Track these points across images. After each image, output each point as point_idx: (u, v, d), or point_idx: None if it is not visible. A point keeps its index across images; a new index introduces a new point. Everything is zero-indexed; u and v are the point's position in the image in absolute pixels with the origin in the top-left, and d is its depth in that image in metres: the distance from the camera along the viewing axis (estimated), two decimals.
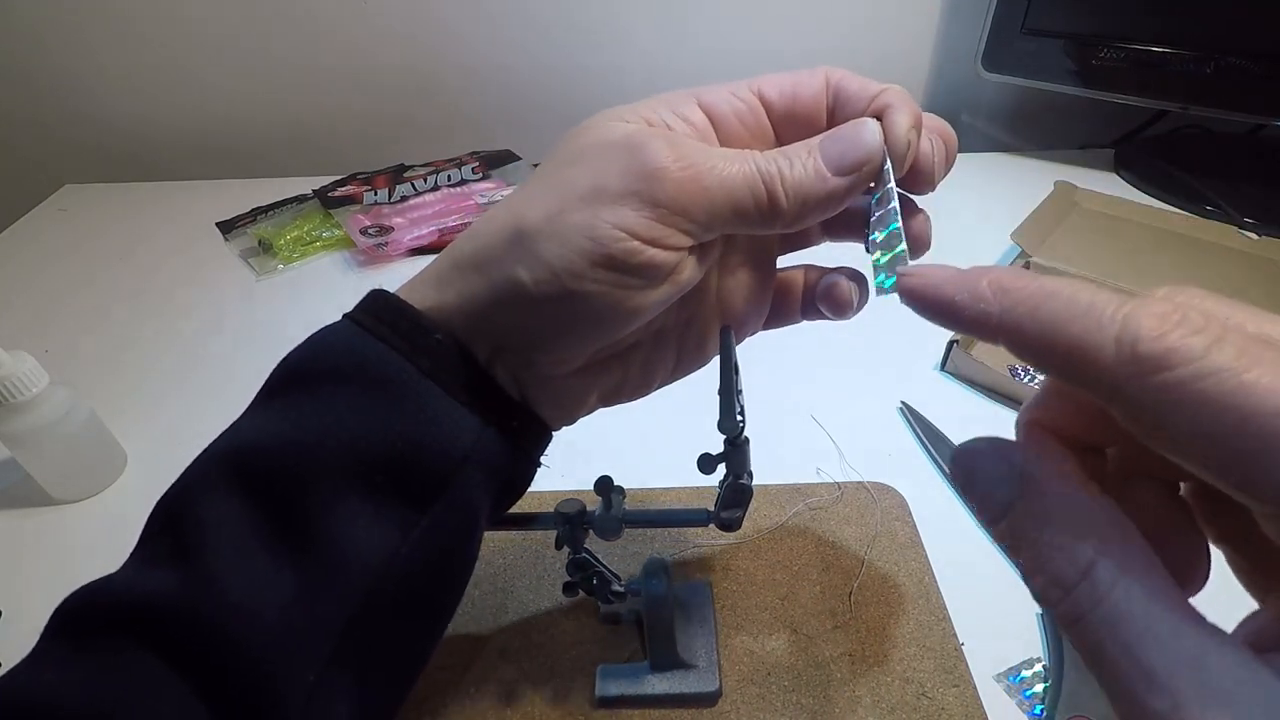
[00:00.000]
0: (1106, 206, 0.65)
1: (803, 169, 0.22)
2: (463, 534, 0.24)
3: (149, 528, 0.23)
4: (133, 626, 0.20)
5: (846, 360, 0.54)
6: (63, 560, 0.42)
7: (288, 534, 0.21)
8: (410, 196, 0.74)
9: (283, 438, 0.22)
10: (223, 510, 0.22)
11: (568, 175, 0.22)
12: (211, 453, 0.23)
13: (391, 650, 0.23)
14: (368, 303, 0.24)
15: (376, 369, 0.22)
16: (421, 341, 0.23)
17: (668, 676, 0.34)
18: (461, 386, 0.23)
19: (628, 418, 0.48)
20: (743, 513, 0.30)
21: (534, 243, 0.21)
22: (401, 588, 0.22)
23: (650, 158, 0.21)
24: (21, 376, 0.40)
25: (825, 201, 0.22)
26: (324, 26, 0.81)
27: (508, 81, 0.86)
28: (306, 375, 0.23)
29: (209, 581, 0.21)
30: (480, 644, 0.36)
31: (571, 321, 0.22)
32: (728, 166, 0.21)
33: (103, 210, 0.80)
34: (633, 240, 0.21)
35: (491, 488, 0.24)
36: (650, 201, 0.21)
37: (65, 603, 0.22)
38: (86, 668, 0.20)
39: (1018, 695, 0.33)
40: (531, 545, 0.41)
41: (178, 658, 0.20)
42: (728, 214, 0.22)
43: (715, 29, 0.83)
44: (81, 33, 0.81)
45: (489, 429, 0.23)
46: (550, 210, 0.21)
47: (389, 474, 0.22)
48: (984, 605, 0.37)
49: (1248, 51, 0.63)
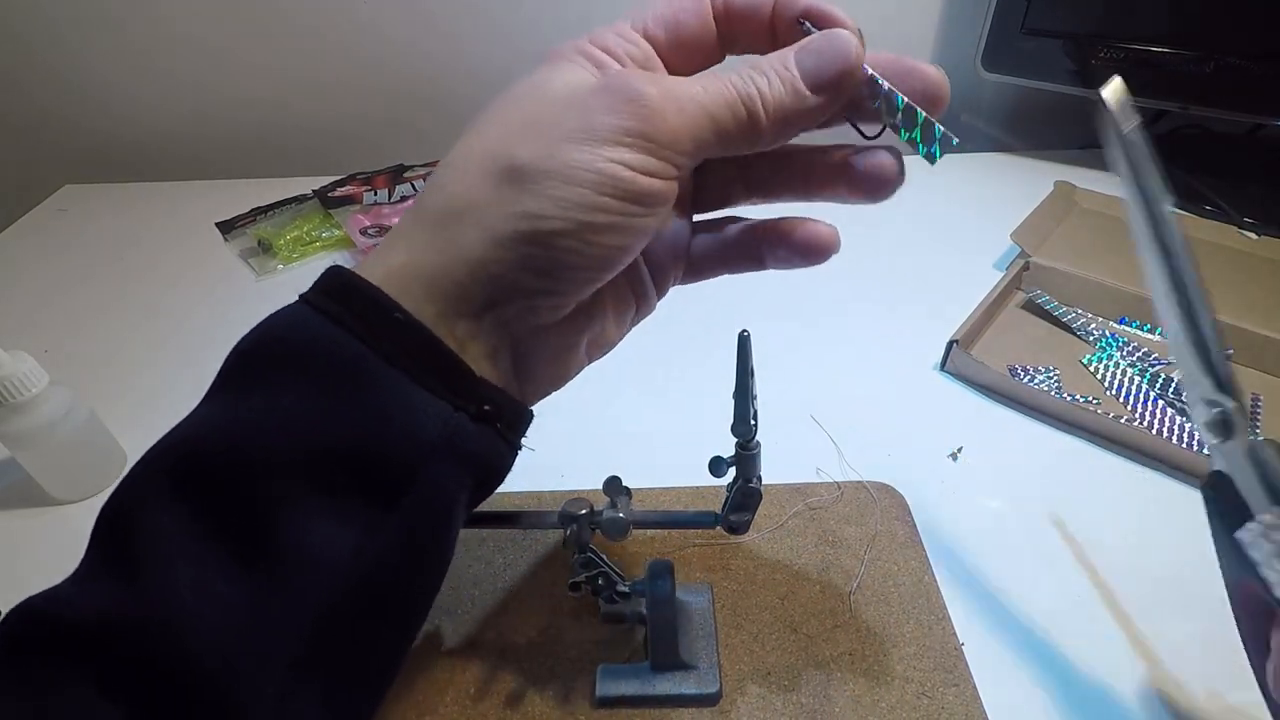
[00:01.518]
0: (1106, 206, 0.65)
1: (781, 87, 0.22)
2: (436, 530, 0.22)
3: (93, 535, 0.21)
4: (70, 647, 0.19)
5: (846, 360, 0.54)
6: (63, 560, 0.42)
7: (238, 540, 0.20)
8: (410, 196, 0.74)
9: (229, 433, 0.21)
10: (167, 516, 0.20)
11: (543, 116, 0.22)
12: (156, 452, 0.21)
13: (361, 656, 0.22)
14: (323, 281, 0.22)
15: (329, 355, 0.21)
16: (380, 322, 0.21)
17: (668, 677, 0.34)
18: (427, 370, 0.21)
19: (627, 418, 0.48)
20: (751, 516, 0.30)
21: (535, 182, 0.21)
22: (368, 591, 0.21)
23: (635, 95, 0.21)
24: (21, 376, 0.40)
25: (805, 117, 0.23)
26: (324, 27, 0.81)
27: (507, 82, 0.85)
28: (254, 364, 0.22)
29: (151, 597, 0.19)
30: (481, 644, 0.36)
31: (583, 253, 0.22)
32: (707, 93, 0.22)
33: (103, 210, 0.80)
34: (634, 173, 0.21)
35: (466, 479, 0.22)
36: (642, 135, 0.21)
37: (9, 614, 0.20)
38: (14, 694, 0.19)
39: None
40: (532, 545, 0.41)
41: (115, 683, 0.19)
42: (712, 139, 0.22)
43: None
44: (82, 33, 0.81)
45: (459, 414, 0.22)
46: (541, 150, 0.21)
47: (349, 470, 0.21)
48: (984, 605, 0.37)
49: (1248, 51, 0.63)
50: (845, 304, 0.60)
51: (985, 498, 0.44)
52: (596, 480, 0.31)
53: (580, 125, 0.21)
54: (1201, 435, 0.26)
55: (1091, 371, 0.51)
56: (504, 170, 0.21)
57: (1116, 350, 0.52)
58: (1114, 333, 0.54)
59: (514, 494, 0.43)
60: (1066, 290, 0.57)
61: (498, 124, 0.23)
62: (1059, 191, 0.66)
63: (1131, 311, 0.55)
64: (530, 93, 0.23)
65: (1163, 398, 0.48)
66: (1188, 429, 0.46)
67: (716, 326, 0.29)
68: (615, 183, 0.21)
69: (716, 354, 0.31)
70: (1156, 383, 0.49)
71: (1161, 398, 0.48)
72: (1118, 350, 0.52)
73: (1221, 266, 0.57)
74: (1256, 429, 0.46)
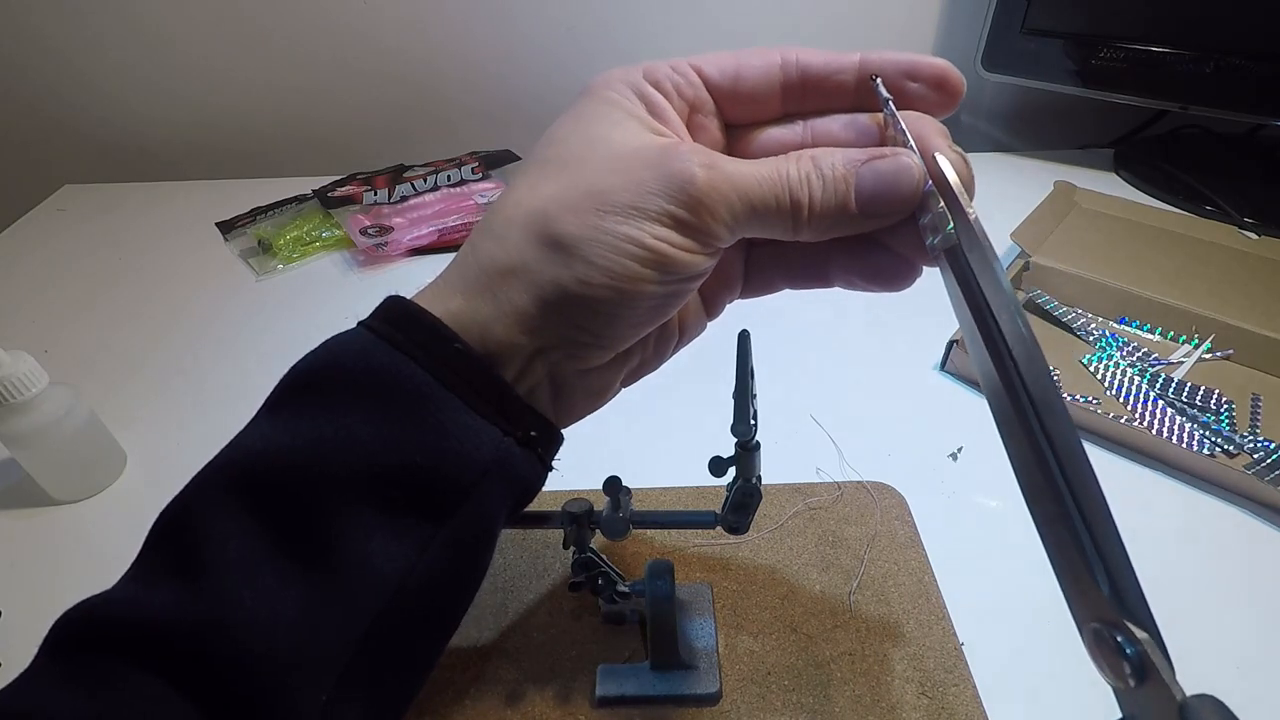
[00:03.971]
0: (1106, 206, 0.65)
1: (833, 199, 0.22)
2: (478, 546, 0.23)
3: (150, 541, 0.22)
4: (134, 646, 0.20)
5: (846, 360, 0.54)
6: (62, 560, 0.42)
7: (298, 550, 0.21)
8: (410, 197, 0.74)
9: (293, 449, 0.22)
10: (229, 525, 0.21)
11: (595, 185, 0.22)
12: (217, 464, 0.22)
13: (403, 663, 0.23)
14: (384, 310, 0.24)
15: (393, 380, 0.22)
16: (440, 351, 0.22)
17: (668, 677, 0.34)
18: (482, 398, 0.23)
19: (627, 418, 0.48)
20: (751, 516, 0.30)
21: (579, 251, 0.22)
22: (416, 603, 0.22)
23: (688, 180, 0.22)
24: (21, 376, 0.40)
25: (847, 229, 0.23)
26: (324, 27, 0.81)
27: (507, 82, 0.86)
28: (318, 385, 0.23)
29: (215, 599, 0.20)
30: (481, 644, 0.36)
31: (624, 314, 0.23)
32: (759, 185, 0.22)
33: (103, 210, 0.80)
34: (676, 249, 0.22)
35: (508, 498, 0.24)
36: (684, 224, 0.22)
37: (64, 617, 0.21)
38: (85, 689, 0.19)
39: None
40: (533, 545, 0.41)
41: (182, 679, 0.20)
42: (751, 226, 0.23)
43: (714, 30, 0.83)
44: (81, 33, 0.81)
45: (508, 440, 0.23)
46: (587, 220, 0.22)
47: (405, 488, 0.22)
48: (984, 605, 0.37)
49: (1248, 51, 0.63)
50: (845, 304, 0.60)
51: (985, 498, 0.44)
52: (596, 480, 0.31)
53: (630, 201, 0.22)
54: (1096, 667, 0.17)
55: (1091, 371, 0.51)
56: (553, 237, 0.22)
57: (1116, 350, 0.52)
58: (1114, 333, 0.54)
59: None
60: (1066, 290, 0.57)
61: (551, 179, 0.23)
62: (1059, 191, 0.66)
63: (1131, 311, 0.55)
64: (587, 153, 0.23)
65: (1162, 398, 0.48)
66: (1188, 429, 0.46)
67: (717, 326, 0.29)
68: (658, 259, 0.22)
69: (717, 353, 0.31)
70: (1156, 383, 0.49)
71: (1161, 398, 0.48)
72: (1117, 350, 0.52)
73: (1221, 266, 0.57)
74: (1254, 435, 0.46)
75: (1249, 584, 0.39)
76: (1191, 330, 0.53)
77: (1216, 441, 0.44)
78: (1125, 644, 0.16)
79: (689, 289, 0.24)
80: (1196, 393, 0.48)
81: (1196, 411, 0.46)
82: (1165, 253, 0.59)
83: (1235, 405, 0.47)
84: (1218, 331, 0.52)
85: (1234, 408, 0.47)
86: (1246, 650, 0.36)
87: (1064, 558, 0.18)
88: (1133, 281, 0.55)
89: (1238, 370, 0.51)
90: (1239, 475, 0.42)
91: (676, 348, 0.29)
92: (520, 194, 0.24)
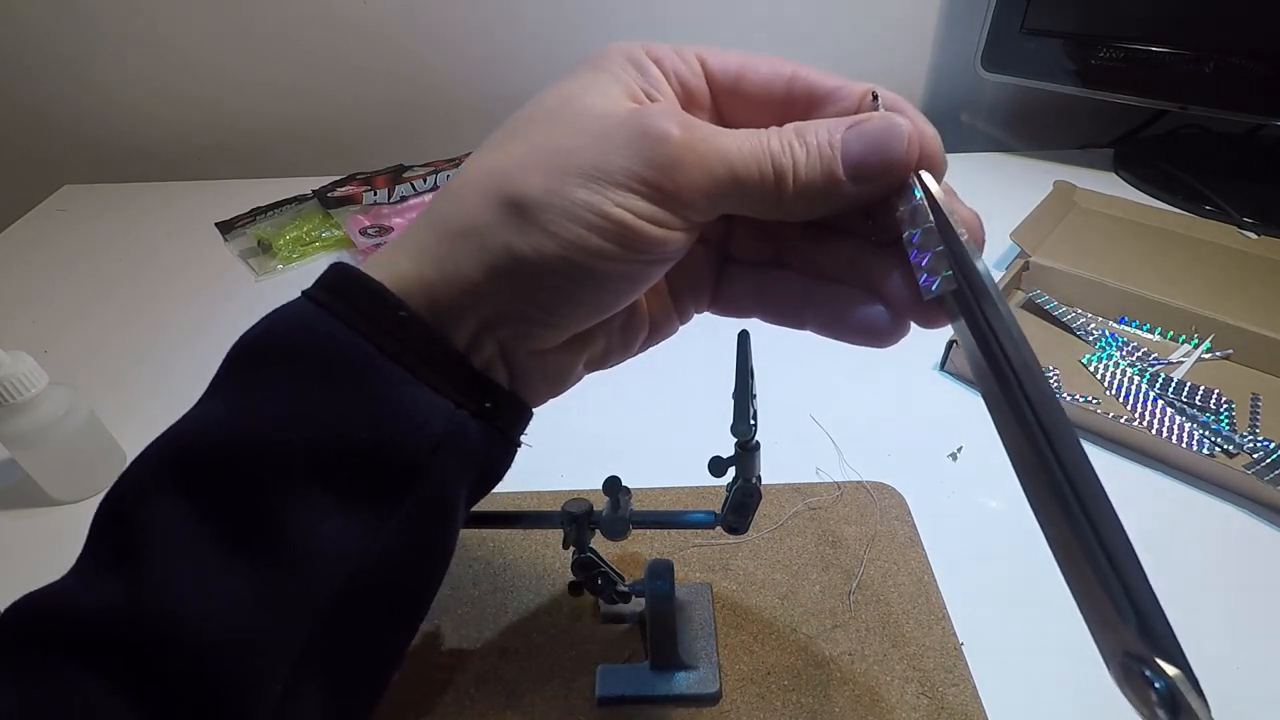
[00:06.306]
0: (1106, 206, 0.65)
1: (818, 166, 0.21)
2: (439, 527, 0.22)
3: (92, 530, 0.21)
4: (73, 642, 0.19)
5: (846, 360, 0.54)
6: (62, 561, 0.42)
7: (241, 536, 0.20)
8: (410, 197, 0.73)
9: (231, 428, 0.20)
10: (168, 511, 0.20)
11: (562, 144, 0.21)
12: (157, 446, 0.21)
13: (363, 653, 0.22)
14: (327, 277, 0.22)
15: (334, 350, 0.21)
16: (385, 319, 0.21)
17: (668, 677, 0.34)
18: (431, 368, 0.21)
19: (627, 418, 0.48)
20: (751, 516, 0.30)
21: (536, 216, 0.20)
22: (372, 587, 0.21)
23: (660, 136, 0.20)
24: (21, 376, 0.40)
25: (833, 202, 0.21)
26: (324, 26, 0.81)
27: (508, 81, 0.86)
28: (257, 359, 0.21)
29: (154, 590, 0.19)
30: (481, 644, 0.36)
31: (579, 292, 0.21)
32: (739, 151, 0.21)
33: (103, 210, 0.80)
34: (642, 221, 0.20)
35: (468, 475, 0.22)
36: (655, 185, 0.20)
37: (8, 610, 0.20)
38: (16, 689, 0.18)
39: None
40: (532, 545, 0.41)
41: (122, 677, 0.18)
42: (731, 199, 0.21)
43: (714, 30, 0.83)
44: (82, 33, 0.81)
45: (461, 412, 0.22)
46: (549, 183, 0.20)
47: (352, 467, 0.20)
48: (984, 605, 0.37)
49: (1248, 51, 0.63)
50: None
51: (985, 498, 0.44)
52: (596, 480, 0.31)
53: (595, 161, 0.20)
54: (1128, 700, 0.17)
55: (1091, 371, 0.51)
56: (509, 197, 0.21)
57: (1116, 350, 0.52)
58: (1113, 332, 0.54)
59: (514, 494, 0.43)
60: (1066, 290, 0.57)
61: (521, 140, 0.22)
62: (1059, 191, 0.66)
63: (1131, 311, 0.55)
64: (559, 110, 0.22)
65: (1162, 398, 0.48)
66: (1188, 429, 0.46)
67: (717, 325, 0.29)
68: (620, 230, 0.20)
69: (716, 353, 0.31)
70: (1156, 383, 0.49)
71: (1161, 398, 0.48)
72: (1117, 350, 0.52)
73: (1221, 266, 0.57)
74: (1254, 435, 0.46)
75: (1249, 584, 0.39)
76: (1191, 330, 0.53)
77: (1216, 441, 0.44)
78: (1154, 678, 0.16)
79: (655, 272, 0.22)
80: (1196, 392, 0.48)
81: (1196, 411, 0.46)
82: (1165, 253, 0.59)
83: (1235, 405, 0.47)
84: (1217, 331, 0.52)
85: (1234, 408, 0.47)
86: (1247, 650, 0.36)
87: (1085, 590, 0.18)
88: (1132, 281, 0.55)
89: (1237, 370, 0.51)
90: (1239, 475, 0.42)
91: (646, 343, 0.27)
92: (489, 154, 0.22)
